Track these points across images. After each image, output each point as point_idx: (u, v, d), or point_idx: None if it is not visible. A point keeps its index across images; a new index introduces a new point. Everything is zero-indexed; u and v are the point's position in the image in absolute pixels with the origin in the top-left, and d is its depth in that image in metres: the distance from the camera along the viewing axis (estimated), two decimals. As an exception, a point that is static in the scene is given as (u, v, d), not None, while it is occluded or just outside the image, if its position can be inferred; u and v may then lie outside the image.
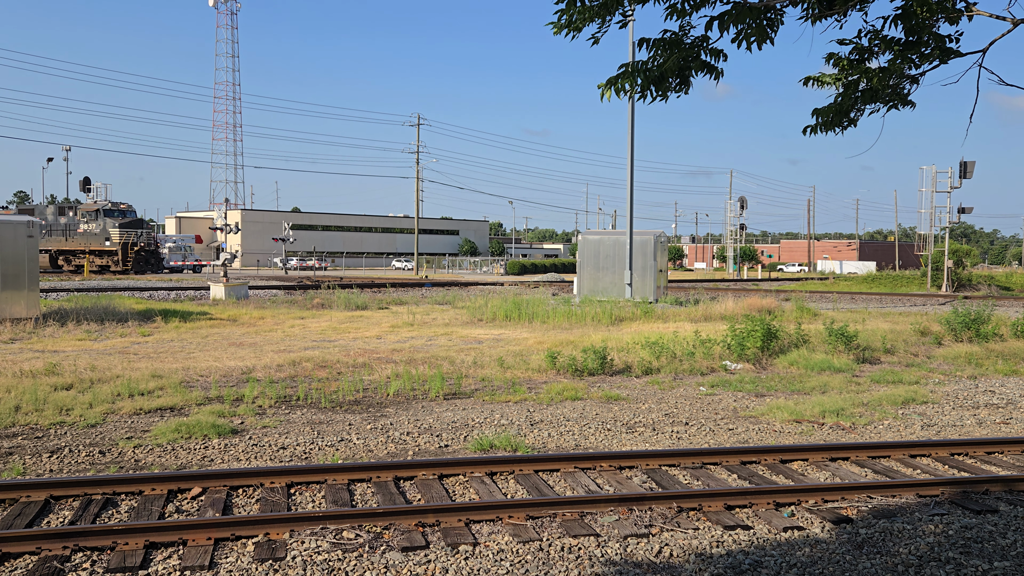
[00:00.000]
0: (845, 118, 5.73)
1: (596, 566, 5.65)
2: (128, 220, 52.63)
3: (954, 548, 6.05)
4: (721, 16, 4.98)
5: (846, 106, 5.65)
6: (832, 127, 5.75)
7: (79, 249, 52.70)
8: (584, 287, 28.94)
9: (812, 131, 5.83)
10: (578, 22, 5.09)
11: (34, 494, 6.81)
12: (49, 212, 54.08)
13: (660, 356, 14.73)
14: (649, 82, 5.22)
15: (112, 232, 51.63)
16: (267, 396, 11.20)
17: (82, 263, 52.22)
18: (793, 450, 8.55)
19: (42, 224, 53.03)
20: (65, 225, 53.21)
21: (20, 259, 18.89)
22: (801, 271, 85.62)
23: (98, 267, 51.96)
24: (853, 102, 5.63)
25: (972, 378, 14.32)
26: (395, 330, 19.75)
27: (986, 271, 65.08)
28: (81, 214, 52.52)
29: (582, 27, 5.14)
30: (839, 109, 5.66)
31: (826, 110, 5.71)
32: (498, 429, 9.72)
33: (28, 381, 11.55)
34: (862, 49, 5.58)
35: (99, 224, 51.91)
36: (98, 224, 51.92)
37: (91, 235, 52.26)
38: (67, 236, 53.22)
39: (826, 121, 5.72)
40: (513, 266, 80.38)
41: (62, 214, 53.41)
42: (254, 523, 6.06)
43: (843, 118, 5.72)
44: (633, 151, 27.66)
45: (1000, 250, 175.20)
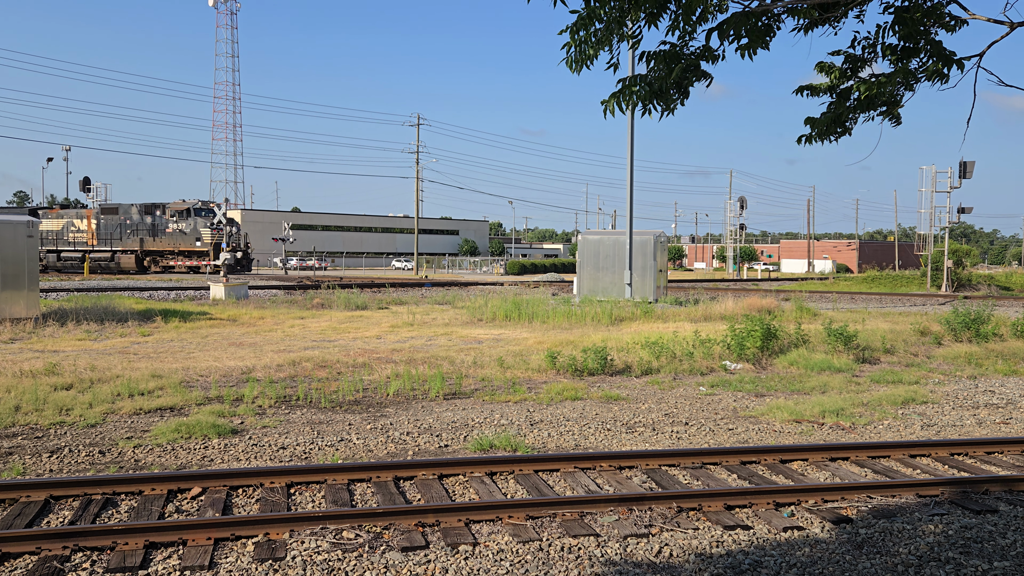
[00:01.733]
0: (839, 127, 5.73)
1: (596, 566, 5.65)
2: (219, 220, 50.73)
3: (954, 548, 6.06)
4: (721, 25, 4.99)
5: (839, 115, 5.66)
6: (826, 136, 5.76)
7: (167, 250, 50.76)
8: (584, 287, 28.95)
9: (807, 140, 5.84)
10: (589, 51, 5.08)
11: (34, 494, 6.81)
12: (134, 211, 51.95)
13: (660, 356, 14.73)
14: (650, 95, 5.22)
15: (203, 232, 49.80)
16: (267, 396, 11.20)
17: (171, 264, 50.72)
18: (793, 450, 8.55)
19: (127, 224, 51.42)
20: (151, 225, 51.26)
21: (20, 259, 18.88)
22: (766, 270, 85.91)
23: (187, 268, 50.15)
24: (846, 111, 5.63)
25: (972, 378, 14.32)
26: (395, 330, 19.75)
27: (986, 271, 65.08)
28: (170, 213, 50.65)
29: (596, 56, 5.13)
30: (832, 118, 5.67)
31: (820, 120, 5.72)
32: (498, 429, 9.72)
33: (28, 381, 11.55)
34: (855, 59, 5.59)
35: (189, 224, 50.05)
36: (188, 224, 50.07)
37: (180, 235, 50.35)
38: (154, 236, 51.25)
39: (820, 131, 5.73)
40: (513, 266, 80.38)
41: (148, 213, 51.50)
42: (254, 523, 6.06)
43: (836, 127, 5.72)
44: (633, 156, 27.67)
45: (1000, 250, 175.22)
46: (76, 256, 52.92)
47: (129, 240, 51.86)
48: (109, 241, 52.26)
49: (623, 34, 5.08)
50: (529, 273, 75.61)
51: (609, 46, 5.12)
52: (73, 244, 53.21)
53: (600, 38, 5.04)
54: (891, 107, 5.65)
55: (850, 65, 5.62)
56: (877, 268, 65.14)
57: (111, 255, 52.05)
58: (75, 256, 52.98)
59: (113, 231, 52.35)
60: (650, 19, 5.00)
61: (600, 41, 5.05)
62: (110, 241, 52.25)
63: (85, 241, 52.92)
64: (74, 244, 53.20)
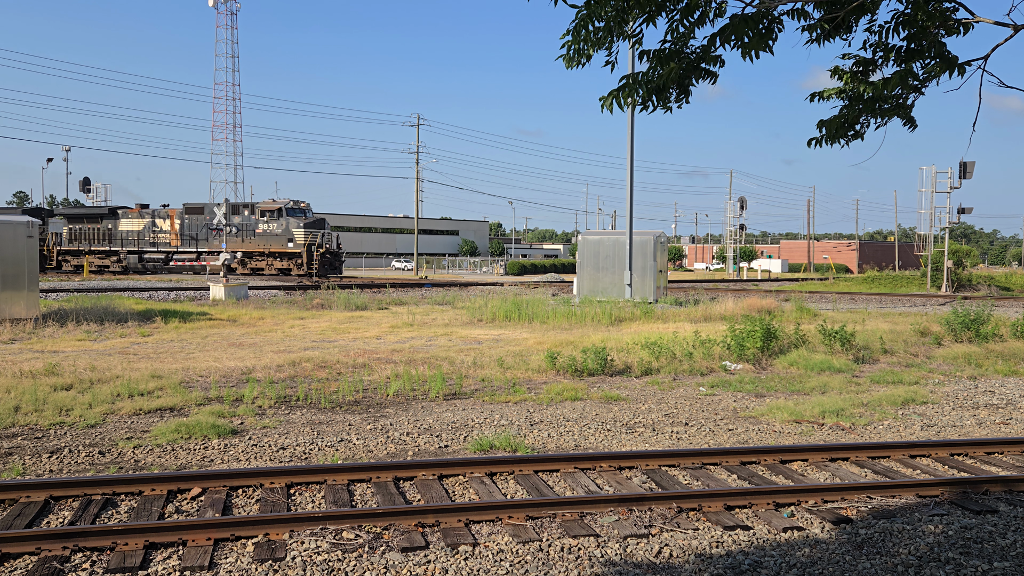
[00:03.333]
0: (850, 130, 5.73)
1: (596, 566, 5.65)
2: (311, 220, 48.48)
3: (954, 548, 6.06)
4: (723, 30, 4.99)
5: (851, 118, 5.65)
6: (837, 139, 5.75)
7: (257, 251, 48.36)
8: (584, 287, 28.94)
9: (817, 143, 5.83)
10: (588, 50, 5.08)
11: (34, 494, 6.81)
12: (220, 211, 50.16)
13: (660, 356, 14.73)
14: (651, 93, 5.22)
15: (296, 233, 47.36)
16: (267, 396, 11.20)
17: (261, 265, 48.24)
18: (793, 450, 8.55)
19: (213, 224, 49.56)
20: (240, 225, 49.00)
21: (20, 259, 18.88)
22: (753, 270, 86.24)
23: (278, 270, 48.04)
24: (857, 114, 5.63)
25: (972, 378, 14.32)
26: (395, 330, 19.75)
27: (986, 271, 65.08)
28: (260, 213, 48.35)
29: (592, 54, 5.13)
30: (843, 121, 5.66)
31: (831, 122, 5.71)
32: (498, 429, 9.72)
33: (28, 381, 11.55)
34: (866, 62, 5.58)
35: (281, 224, 47.76)
36: (280, 224, 47.77)
37: (271, 236, 47.98)
38: (243, 237, 48.99)
39: (831, 133, 5.73)
40: (513, 266, 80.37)
41: (236, 213, 49.31)
42: (254, 523, 6.06)
43: (848, 130, 5.72)
44: (633, 157, 27.67)
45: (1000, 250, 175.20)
46: (160, 258, 51.25)
47: (215, 240, 49.59)
48: (195, 242, 50.17)
49: (623, 32, 5.08)
50: (529, 273, 75.60)
51: (608, 45, 5.13)
52: (156, 245, 51.13)
53: (599, 37, 5.05)
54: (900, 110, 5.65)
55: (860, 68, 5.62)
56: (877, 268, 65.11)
57: (196, 256, 50.44)
58: (159, 258, 51.31)
59: (198, 231, 50.20)
60: (649, 18, 5.01)
61: (599, 40, 5.06)
62: (195, 242, 50.14)
63: (168, 242, 50.90)
64: (158, 245, 51.12)
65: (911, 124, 5.80)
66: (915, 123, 5.81)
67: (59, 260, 53.04)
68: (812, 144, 5.86)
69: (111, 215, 52.36)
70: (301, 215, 48.50)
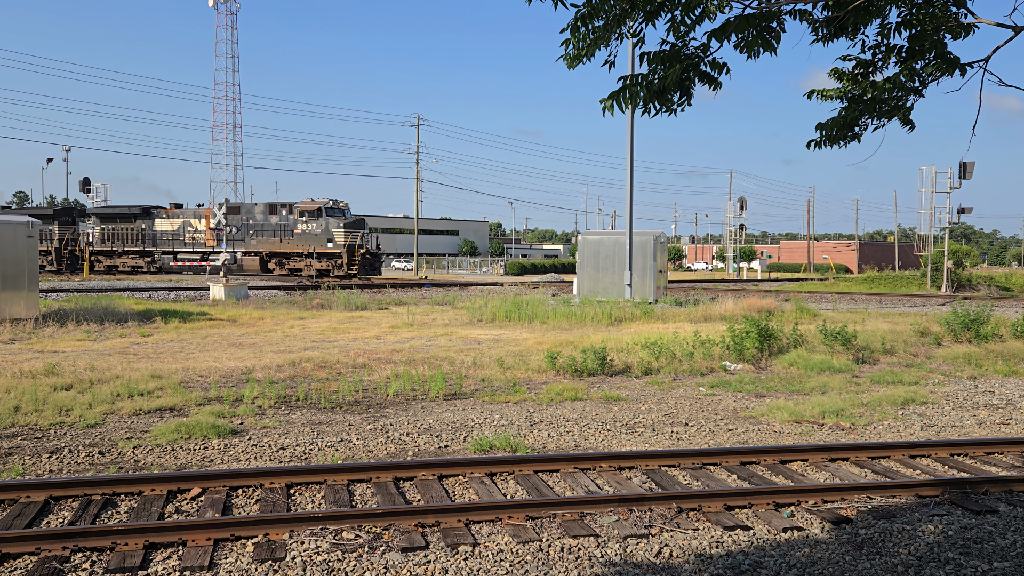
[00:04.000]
0: (849, 132, 5.73)
1: (596, 566, 5.65)
2: (350, 220, 47.52)
3: (954, 548, 6.06)
4: (723, 27, 4.98)
5: (850, 120, 5.65)
6: (836, 141, 5.75)
7: (295, 251, 47.40)
8: (584, 287, 28.94)
9: (816, 145, 5.83)
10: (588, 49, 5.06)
11: (34, 494, 6.81)
12: (258, 211, 48.72)
13: (660, 357, 14.73)
14: (651, 95, 5.20)
15: (336, 233, 46.32)
16: (267, 396, 11.20)
17: (299, 266, 47.26)
18: (793, 451, 8.55)
19: (250, 224, 48.48)
20: (278, 225, 48.09)
21: (20, 260, 18.88)
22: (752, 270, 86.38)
23: (317, 271, 46.71)
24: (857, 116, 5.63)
25: (972, 379, 14.32)
26: (395, 330, 19.75)
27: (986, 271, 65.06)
28: (299, 213, 47.23)
29: (594, 53, 5.11)
30: (843, 123, 5.66)
31: (830, 124, 5.70)
32: (498, 429, 9.72)
33: (28, 381, 11.55)
34: (866, 63, 5.58)
35: (320, 224, 46.71)
36: (319, 224, 46.73)
37: (311, 236, 46.88)
38: (281, 237, 47.87)
39: (830, 135, 5.72)
40: (513, 266, 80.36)
41: (273, 213, 48.29)
42: (254, 523, 6.06)
43: (847, 132, 5.72)
44: (632, 157, 27.66)
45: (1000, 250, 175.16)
46: (195, 258, 50.02)
47: (253, 241, 48.47)
48: (231, 242, 49.21)
49: (623, 32, 5.07)
50: (529, 273, 75.59)
51: (607, 44, 5.11)
52: (191, 245, 50.29)
53: (599, 36, 5.03)
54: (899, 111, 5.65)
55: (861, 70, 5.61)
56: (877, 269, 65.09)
57: (233, 257, 49.12)
58: (194, 258, 50.06)
59: (235, 231, 49.39)
60: (648, 17, 4.99)
61: (599, 39, 5.04)
62: (231, 242, 49.20)
63: (203, 242, 50.04)
64: (193, 246, 50.27)
65: (909, 125, 5.81)
66: (913, 124, 5.81)
67: (91, 260, 52.30)
68: (811, 146, 5.86)
69: (145, 215, 51.53)
70: (340, 215, 47.64)
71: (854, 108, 5.61)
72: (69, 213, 54.13)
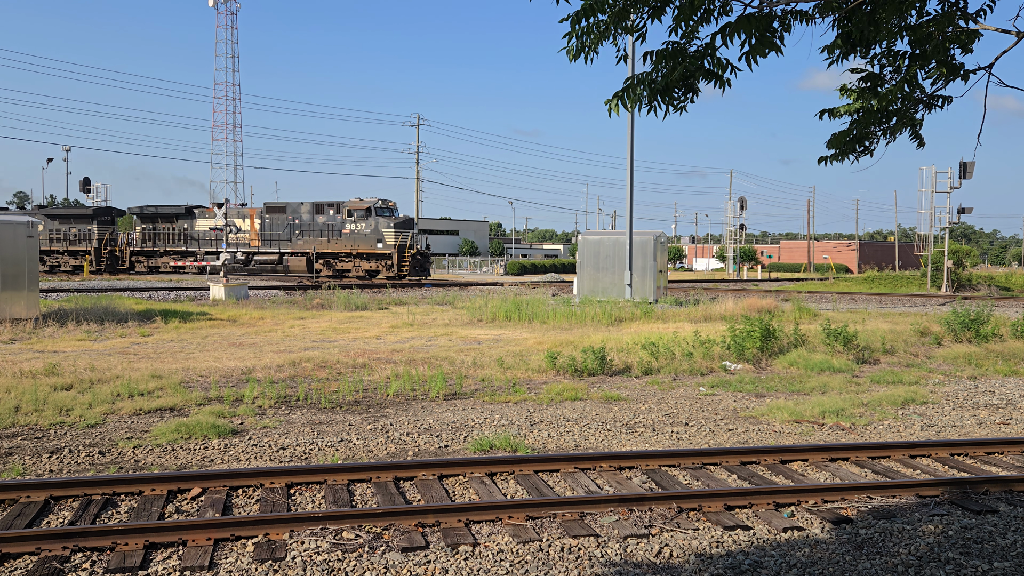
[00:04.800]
0: (859, 146, 5.71)
1: (596, 566, 5.65)
2: (400, 220, 46.56)
3: (954, 548, 6.06)
4: (724, 28, 4.96)
5: (860, 135, 5.63)
6: (846, 155, 5.74)
7: (344, 252, 46.44)
8: (584, 287, 28.94)
9: (827, 161, 5.82)
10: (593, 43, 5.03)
11: (34, 494, 6.81)
12: (304, 210, 47.82)
13: (660, 356, 14.73)
14: (655, 94, 5.18)
15: (386, 233, 45.40)
16: (267, 396, 11.20)
17: (347, 267, 46.48)
18: (793, 450, 8.55)
19: (296, 224, 47.64)
20: (325, 225, 47.13)
21: (20, 259, 18.88)
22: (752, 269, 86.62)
23: (365, 272, 46.02)
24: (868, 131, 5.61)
25: (972, 378, 14.32)
26: (395, 330, 19.75)
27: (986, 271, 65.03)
28: (347, 212, 46.30)
29: (598, 48, 5.08)
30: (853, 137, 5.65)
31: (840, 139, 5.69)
32: (498, 429, 9.72)
33: (28, 381, 11.55)
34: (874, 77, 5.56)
35: (369, 224, 45.80)
36: (368, 224, 45.83)
37: (359, 236, 46.01)
38: (329, 237, 46.92)
39: (841, 151, 5.71)
40: (513, 266, 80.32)
41: (320, 212, 47.31)
42: (254, 523, 6.06)
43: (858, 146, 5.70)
44: (633, 157, 27.65)
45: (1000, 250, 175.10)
46: (240, 258, 48.94)
47: (299, 241, 47.51)
48: (276, 242, 48.31)
49: (626, 27, 5.03)
50: (529, 273, 75.56)
51: (613, 39, 5.08)
52: (236, 246, 49.29)
53: (602, 30, 5.00)
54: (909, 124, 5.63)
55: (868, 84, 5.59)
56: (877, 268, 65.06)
57: (278, 257, 48.39)
58: (238, 259, 48.97)
59: (281, 231, 48.34)
60: (654, 13, 4.97)
61: (602, 33, 5.01)
62: (277, 242, 48.30)
63: (248, 242, 49.13)
64: (236, 246, 49.29)
65: (919, 141, 5.78)
66: (923, 140, 5.78)
67: (132, 261, 51.68)
68: (822, 162, 5.85)
69: (187, 214, 50.86)
70: (390, 214, 46.79)
71: (864, 122, 5.59)
72: (108, 213, 53.53)
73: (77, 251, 52.22)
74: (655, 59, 5.18)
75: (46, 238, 52.40)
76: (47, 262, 52.23)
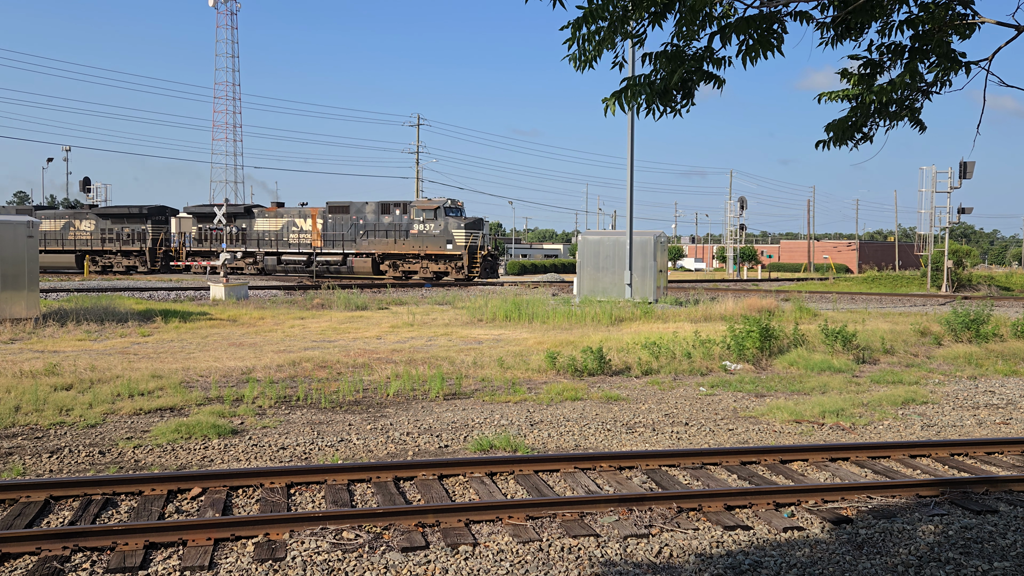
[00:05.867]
0: (858, 133, 5.70)
1: (596, 566, 5.65)
2: (469, 220, 45.43)
3: (954, 548, 6.06)
4: (723, 29, 4.96)
5: (859, 122, 5.62)
6: (844, 141, 5.72)
7: (411, 253, 45.30)
8: (584, 287, 28.94)
9: (824, 145, 5.80)
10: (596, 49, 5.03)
11: (34, 494, 6.82)
12: (368, 210, 46.63)
13: (660, 356, 14.73)
14: (654, 96, 5.17)
15: (456, 234, 44.38)
16: (267, 396, 11.20)
17: (414, 268, 45.31)
18: (793, 450, 8.55)
19: (360, 224, 46.61)
20: (391, 225, 45.99)
21: (20, 259, 18.88)
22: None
23: (433, 273, 44.91)
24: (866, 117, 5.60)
25: (972, 378, 14.32)
26: (395, 330, 19.75)
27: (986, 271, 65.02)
28: (415, 212, 45.25)
29: (600, 54, 5.07)
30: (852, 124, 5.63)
31: (838, 124, 5.68)
32: (498, 429, 9.72)
33: (28, 381, 11.55)
34: (873, 63, 5.56)
35: (439, 224, 44.77)
36: (438, 224, 44.78)
37: (428, 237, 44.94)
38: (395, 238, 45.73)
39: (838, 136, 5.69)
40: (513, 266, 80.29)
41: (386, 212, 46.16)
42: (254, 523, 6.06)
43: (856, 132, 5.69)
44: (633, 157, 27.64)
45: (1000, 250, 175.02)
46: (301, 259, 48.10)
47: (364, 242, 46.38)
48: (340, 243, 47.18)
49: (626, 32, 5.03)
50: (529, 273, 75.54)
51: (612, 44, 5.08)
52: (297, 246, 48.31)
53: (604, 37, 5.00)
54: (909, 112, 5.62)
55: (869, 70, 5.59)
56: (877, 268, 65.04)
57: (342, 258, 47.15)
58: (299, 260, 48.13)
59: (344, 231, 47.18)
60: (654, 19, 4.96)
61: (604, 40, 5.01)
62: (341, 243, 47.16)
63: (309, 243, 48.12)
64: (298, 246, 48.29)
65: (920, 127, 5.78)
66: (924, 125, 5.78)
67: (188, 262, 50.81)
68: (820, 146, 5.82)
69: (246, 214, 50.11)
70: (458, 214, 45.95)
71: (864, 108, 5.58)
72: (162, 212, 52.84)
73: (130, 251, 51.50)
74: (654, 61, 5.18)
75: (97, 238, 51.92)
76: (99, 262, 51.63)
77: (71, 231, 52.97)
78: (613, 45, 5.06)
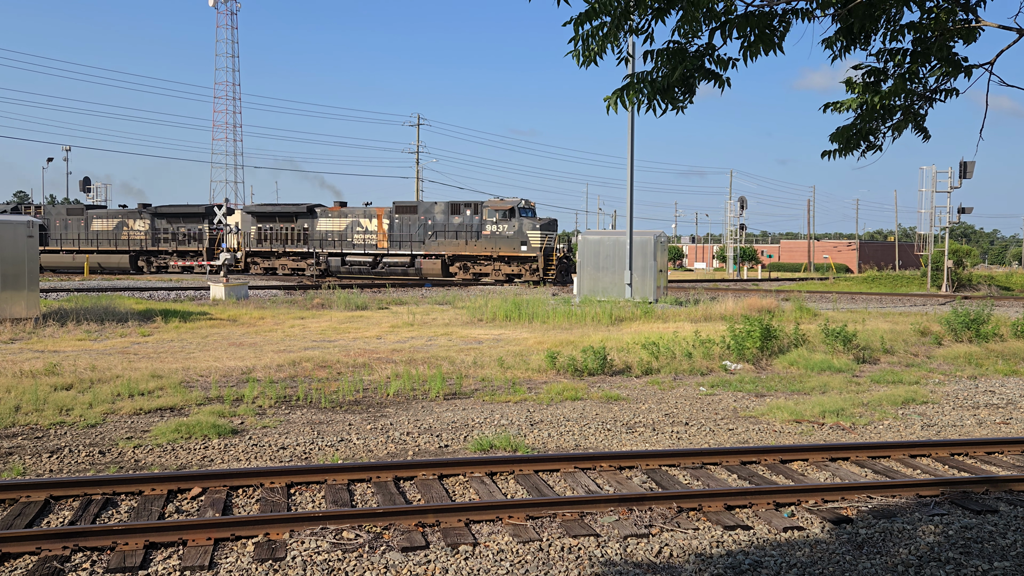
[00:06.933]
0: (864, 141, 5.69)
1: (596, 566, 5.65)
2: (544, 221, 44.09)
3: (954, 548, 6.06)
4: (724, 25, 4.96)
5: (864, 128, 5.61)
6: (851, 150, 5.71)
7: (483, 254, 43.90)
8: (584, 287, 28.94)
9: (831, 156, 5.80)
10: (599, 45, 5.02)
11: (34, 494, 6.82)
12: (438, 211, 45.28)
13: (660, 356, 14.73)
14: (655, 92, 5.17)
15: (530, 236, 42.94)
16: (267, 396, 11.20)
17: (485, 270, 44.03)
18: (793, 450, 8.55)
19: (429, 224, 45.62)
20: (461, 226, 44.61)
21: (20, 259, 18.88)
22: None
23: (505, 276, 43.44)
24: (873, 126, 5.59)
25: (972, 378, 14.32)
26: (395, 330, 19.75)
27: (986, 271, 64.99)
28: (487, 213, 43.88)
29: (604, 51, 5.07)
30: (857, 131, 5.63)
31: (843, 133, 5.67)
32: (498, 429, 9.72)
33: (28, 381, 11.55)
34: (877, 72, 5.55)
35: (512, 225, 43.36)
36: (511, 225, 43.39)
37: (501, 238, 43.54)
38: (466, 239, 44.39)
39: (845, 145, 5.69)
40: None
41: (456, 213, 44.80)
42: (254, 523, 6.06)
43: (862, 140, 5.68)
44: (633, 157, 27.64)
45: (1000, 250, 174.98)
46: (366, 261, 46.62)
47: (432, 243, 45.04)
48: (408, 244, 45.76)
49: (630, 28, 5.02)
50: (529, 273, 75.45)
51: (616, 41, 5.07)
52: (363, 247, 46.91)
53: (607, 33, 5.00)
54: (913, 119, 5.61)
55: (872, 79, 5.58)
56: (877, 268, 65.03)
57: (410, 260, 45.72)
58: (364, 261, 46.64)
59: (412, 232, 45.78)
60: (657, 14, 4.96)
61: (607, 36, 5.00)
62: (408, 244, 45.73)
63: (375, 243, 46.71)
64: (363, 247, 46.90)
65: (924, 135, 5.76)
66: (928, 133, 5.76)
67: (247, 262, 49.80)
68: (826, 156, 5.81)
69: (308, 214, 48.73)
70: (532, 215, 44.75)
71: (868, 117, 5.56)
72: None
73: (186, 251, 50.26)
74: (656, 58, 5.17)
75: (151, 237, 50.60)
76: (153, 263, 50.39)
77: (124, 231, 51.40)
78: (617, 41, 5.05)
